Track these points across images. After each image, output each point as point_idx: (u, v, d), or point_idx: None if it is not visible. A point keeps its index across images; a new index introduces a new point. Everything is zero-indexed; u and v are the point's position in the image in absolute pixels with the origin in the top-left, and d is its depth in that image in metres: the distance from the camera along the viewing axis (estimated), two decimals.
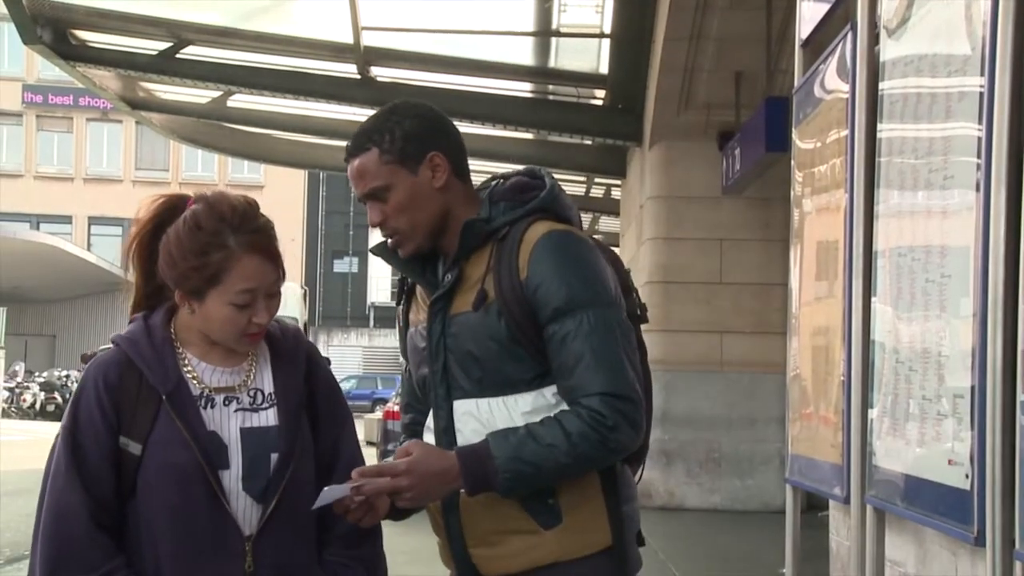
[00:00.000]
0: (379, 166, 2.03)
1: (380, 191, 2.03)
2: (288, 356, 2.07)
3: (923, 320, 3.08)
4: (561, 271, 1.96)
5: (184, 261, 1.94)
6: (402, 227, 2.04)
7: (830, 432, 4.00)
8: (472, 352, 1.99)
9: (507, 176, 2.14)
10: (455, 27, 11.53)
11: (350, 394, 37.03)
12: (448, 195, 2.05)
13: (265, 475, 1.94)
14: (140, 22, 11.40)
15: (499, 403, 1.99)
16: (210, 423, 1.94)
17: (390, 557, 2.14)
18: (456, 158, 2.08)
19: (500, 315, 1.97)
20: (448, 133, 2.09)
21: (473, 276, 2.02)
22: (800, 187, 4.68)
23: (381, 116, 2.09)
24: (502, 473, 1.91)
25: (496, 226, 2.03)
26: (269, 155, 18.07)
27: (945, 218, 2.96)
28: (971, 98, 2.76)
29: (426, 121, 2.07)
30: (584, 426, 1.91)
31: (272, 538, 1.92)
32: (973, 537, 2.63)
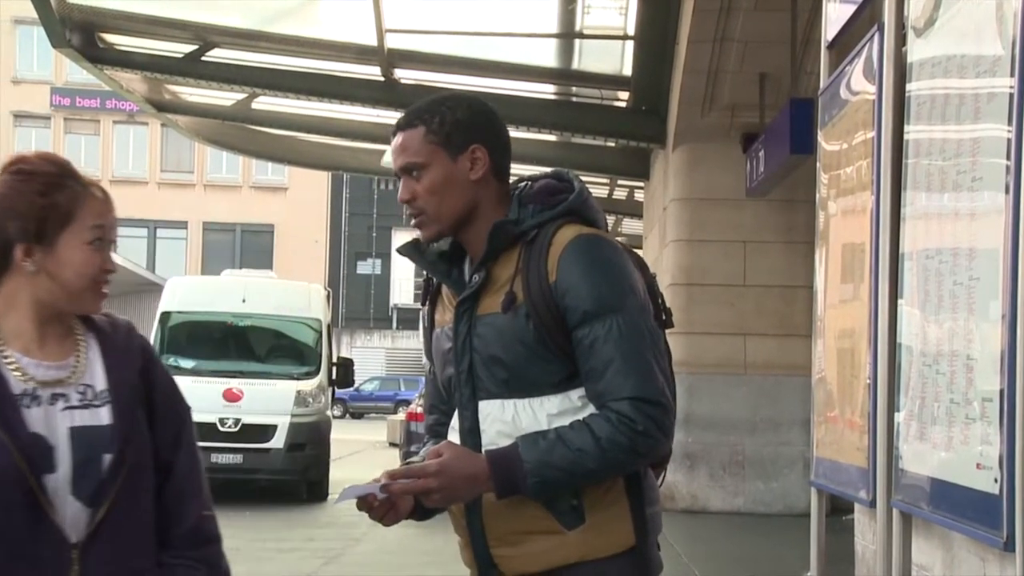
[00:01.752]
0: (421, 144, 2.04)
1: (416, 167, 2.04)
2: (121, 350, 1.96)
3: (951, 323, 3.05)
4: (590, 275, 1.96)
5: (30, 206, 1.83)
6: (429, 209, 2.05)
7: (856, 435, 3.98)
8: (499, 354, 1.99)
9: (535, 179, 2.14)
10: (478, 29, 11.54)
11: (373, 395, 37.11)
12: (481, 190, 2.06)
13: (97, 477, 1.83)
14: (166, 25, 11.47)
15: (525, 405, 1.99)
16: (34, 423, 1.82)
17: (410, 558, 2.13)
18: (498, 157, 2.09)
19: (528, 318, 1.97)
20: (496, 132, 2.10)
21: (501, 278, 2.01)
22: (826, 189, 4.66)
23: (436, 100, 2.11)
24: (531, 477, 1.91)
25: (525, 228, 2.03)
26: (293, 157, 18.14)
27: (973, 220, 2.93)
28: (1001, 99, 2.74)
29: (478, 115, 2.08)
30: (614, 431, 1.91)
31: (104, 544, 1.81)
32: (1002, 542, 2.61)
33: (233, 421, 12.03)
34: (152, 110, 14.27)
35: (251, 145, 17.25)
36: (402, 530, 11.42)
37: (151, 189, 42.44)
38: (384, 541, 9.96)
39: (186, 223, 42.33)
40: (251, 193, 42.88)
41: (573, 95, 12.89)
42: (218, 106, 14.34)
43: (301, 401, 12.37)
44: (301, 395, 12.41)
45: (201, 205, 42.28)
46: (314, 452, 12.35)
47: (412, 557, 8.95)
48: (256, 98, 13.61)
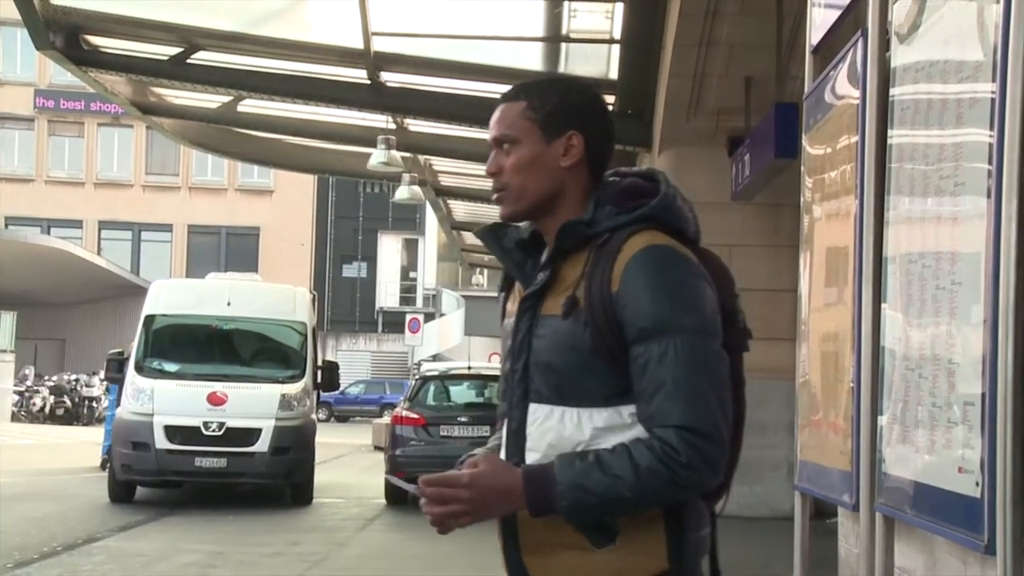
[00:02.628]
0: (519, 118, 1.99)
1: (509, 140, 1.99)
2: None
3: (933, 327, 3.07)
4: (654, 290, 1.85)
5: None
6: (512, 185, 1.98)
7: (839, 439, 3.99)
8: (553, 358, 1.91)
9: (624, 174, 2.03)
10: (465, 32, 11.54)
11: (358, 399, 37.04)
12: (569, 179, 1.97)
13: None
14: (151, 27, 11.44)
15: (573, 414, 1.90)
16: None
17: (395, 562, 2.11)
18: (595, 150, 1.99)
19: (586, 325, 1.88)
20: (601, 124, 2.00)
21: (568, 279, 1.93)
22: (810, 193, 4.67)
23: (547, 79, 2.06)
24: (562, 500, 1.83)
25: (597, 231, 1.93)
26: (279, 160, 18.11)
27: (956, 225, 2.94)
28: (983, 104, 2.75)
29: (584, 102, 2.00)
30: (655, 461, 1.81)
31: None
32: (983, 546, 2.62)
33: (217, 425, 11.99)
34: (137, 113, 14.23)
35: (236, 148, 17.21)
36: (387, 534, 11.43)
37: (136, 192, 42.30)
38: (369, 545, 9.94)
39: (171, 226, 42.20)
40: (236, 196, 42.77)
41: None
42: (203, 109, 14.31)
43: (286, 405, 12.34)
44: (286, 399, 12.38)
45: (186, 208, 42.15)
46: (299, 456, 12.33)
47: (398, 561, 8.93)
48: (242, 101, 13.58)
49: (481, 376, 14.78)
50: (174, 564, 8.58)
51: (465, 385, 14.76)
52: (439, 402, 13.88)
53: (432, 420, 12.94)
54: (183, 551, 9.15)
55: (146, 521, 11.03)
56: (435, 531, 1.98)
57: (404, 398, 14.27)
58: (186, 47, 11.66)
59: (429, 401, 13.70)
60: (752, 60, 9.98)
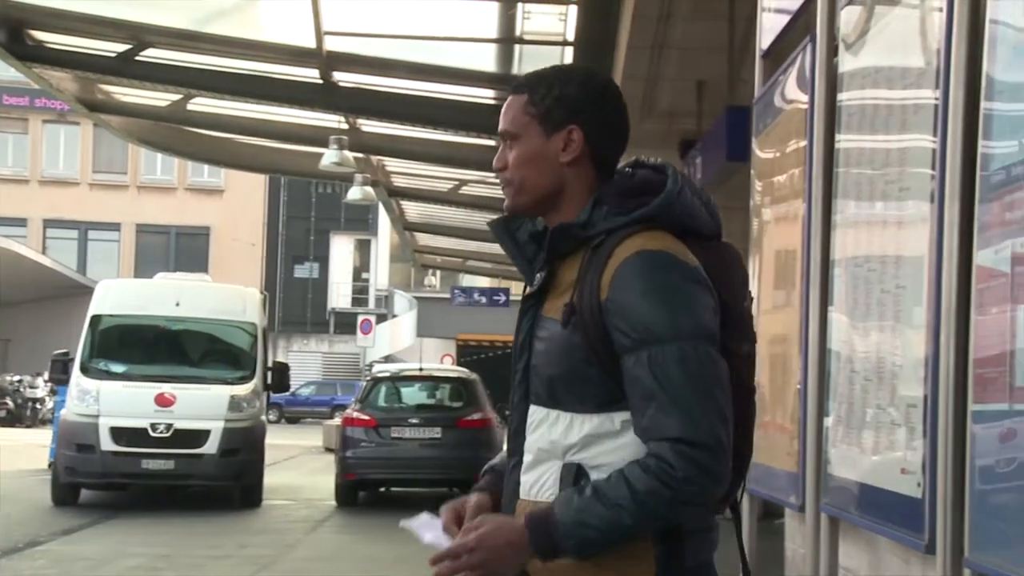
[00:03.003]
0: (520, 112, 1.94)
1: (510, 135, 1.96)
2: None
3: (878, 330, 3.10)
4: (642, 298, 1.79)
5: None
6: (514, 180, 1.95)
7: (786, 440, 4.03)
8: (548, 361, 1.88)
9: (639, 165, 1.95)
10: (418, 33, 11.50)
11: (309, 400, 36.79)
12: (571, 174, 1.91)
13: None
14: (99, 23, 11.27)
15: (566, 418, 1.87)
16: None
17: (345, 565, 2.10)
18: (598, 144, 1.91)
19: (577, 331, 1.84)
20: (603, 117, 1.92)
21: (565, 281, 1.89)
22: (759, 196, 4.71)
23: (555, 69, 1.98)
24: (567, 540, 1.78)
25: (592, 233, 1.87)
26: (230, 159, 17.94)
27: (900, 229, 2.98)
28: (926, 111, 2.79)
29: (588, 94, 1.92)
30: (653, 481, 1.75)
31: None
32: (924, 545, 2.65)
33: (165, 426, 11.85)
34: (84, 110, 14.02)
35: (187, 147, 17.02)
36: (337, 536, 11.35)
37: (82, 190, 41.67)
38: (319, 548, 9.87)
39: (119, 225, 41.64)
40: (186, 195, 42.31)
41: None
42: (152, 107, 14.13)
43: (235, 406, 12.23)
44: (235, 400, 12.27)
45: (134, 207, 41.62)
46: (248, 457, 12.22)
47: (348, 564, 8.87)
48: (192, 99, 13.43)
49: (433, 378, 14.74)
50: (119, 568, 8.46)
51: (417, 386, 14.71)
52: (390, 403, 13.82)
53: (383, 421, 12.89)
54: (128, 554, 9.03)
55: (90, 524, 10.87)
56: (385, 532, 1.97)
57: (355, 399, 14.20)
58: (134, 44, 11.51)
59: (380, 402, 13.63)
60: (704, 63, 10.04)
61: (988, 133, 2.41)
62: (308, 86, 12.02)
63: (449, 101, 12.30)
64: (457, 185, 17.47)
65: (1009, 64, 2.35)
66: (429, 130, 12.80)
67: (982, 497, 2.37)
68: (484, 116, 12.61)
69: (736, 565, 2.23)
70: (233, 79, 11.99)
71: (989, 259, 2.37)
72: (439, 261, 29.68)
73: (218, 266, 38.03)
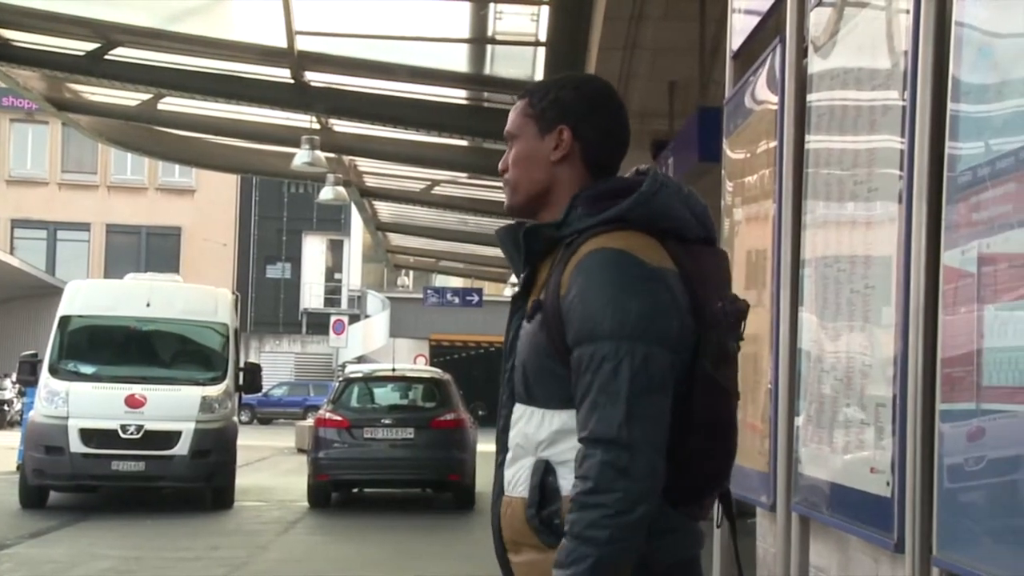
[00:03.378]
0: (520, 115, 2.03)
1: (510, 136, 2.05)
2: None
3: (847, 330, 3.12)
4: (590, 294, 1.82)
5: None
6: (511, 179, 2.03)
7: (758, 440, 4.05)
8: (522, 360, 1.94)
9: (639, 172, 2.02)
10: (390, 33, 11.48)
11: (281, 401, 36.62)
12: (560, 173, 1.98)
13: None
14: (67, 22, 11.17)
15: (539, 414, 1.91)
16: None
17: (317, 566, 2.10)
18: (589, 145, 1.98)
19: (542, 327, 1.89)
20: (595, 119, 1.99)
21: (542, 280, 1.96)
22: (730, 196, 4.73)
23: (558, 76, 2.10)
24: None
25: (565, 233, 1.92)
26: (201, 159, 17.83)
27: (869, 229, 3.00)
28: (894, 112, 2.81)
29: (582, 98, 2.00)
30: (586, 514, 1.76)
31: None
32: (893, 544, 2.67)
33: (135, 428, 11.77)
34: (52, 109, 13.89)
35: (157, 146, 16.90)
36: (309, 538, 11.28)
37: (51, 190, 41.28)
38: (291, 549, 9.83)
39: (89, 225, 41.29)
40: (157, 195, 42.01)
41: (485, 100, 12.90)
42: (122, 106, 14.02)
43: (207, 407, 12.16)
44: (207, 401, 12.20)
45: (104, 207, 41.28)
46: (220, 459, 12.15)
47: (319, 565, 8.84)
48: (162, 99, 13.34)
49: (405, 378, 14.70)
50: (88, 570, 8.39)
51: (389, 387, 14.68)
52: (363, 404, 13.78)
53: (356, 422, 12.85)
54: (98, 557, 8.96)
55: (59, 527, 10.77)
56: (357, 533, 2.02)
57: (328, 400, 14.15)
58: (103, 43, 11.42)
59: (353, 403, 13.59)
60: (676, 64, 10.08)
61: (955, 134, 2.43)
62: (279, 86, 11.96)
63: (421, 101, 12.28)
64: (429, 185, 17.44)
65: (975, 66, 2.37)
66: (401, 130, 12.77)
67: (950, 496, 2.39)
68: (456, 116, 12.60)
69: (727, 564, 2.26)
70: (204, 78, 11.91)
71: (956, 259, 2.39)
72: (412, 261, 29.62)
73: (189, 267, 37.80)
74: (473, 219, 19.21)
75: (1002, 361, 2.17)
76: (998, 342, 2.19)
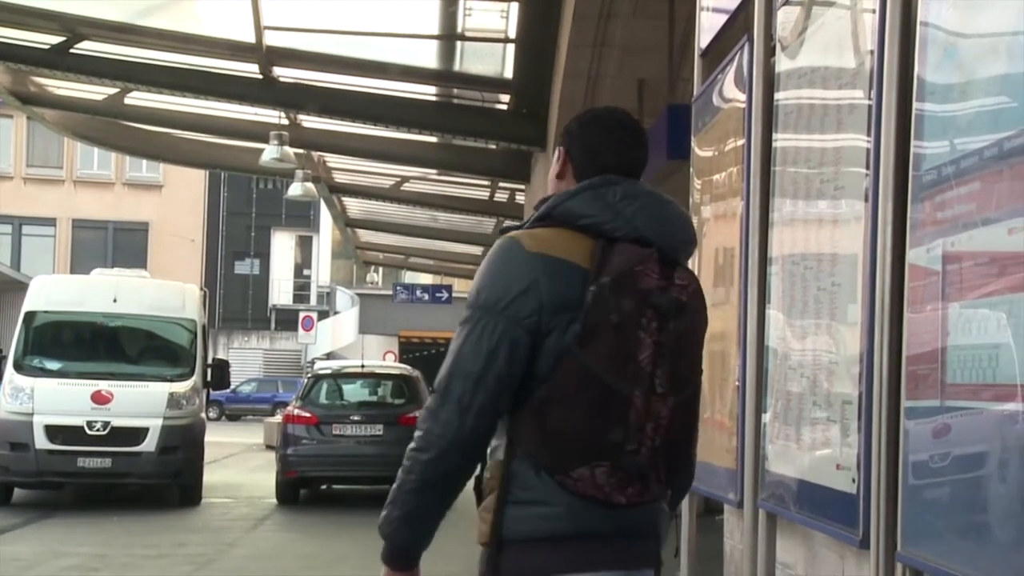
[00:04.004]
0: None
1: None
2: None
3: (814, 327, 3.14)
4: (478, 272, 2.13)
5: None
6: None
7: (725, 437, 4.06)
8: None
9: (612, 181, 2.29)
10: (360, 29, 11.44)
11: (250, 397, 36.43)
12: (559, 188, 2.23)
13: None
14: (32, 15, 11.06)
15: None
16: None
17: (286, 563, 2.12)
18: (577, 162, 2.23)
19: None
20: (580, 138, 2.24)
21: None
22: (699, 194, 4.75)
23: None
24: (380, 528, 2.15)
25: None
26: (168, 154, 17.69)
27: (836, 227, 3.02)
28: (860, 111, 2.83)
29: (578, 123, 2.28)
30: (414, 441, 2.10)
31: None
32: (858, 540, 2.69)
33: (102, 424, 11.68)
34: (16, 103, 13.74)
35: (124, 141, 16.76)
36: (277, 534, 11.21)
37: (16, 184, 40.81)
38: (259, 546, 9.78)
39: (54, 220, 40.88)
40: (124, 190, 41.65)
41: (454, 97, 12.89)
42: (88, 100, 13.90)
43: (174, 403, 12.09)
44: (174, 397, 12.12)
45: (70, 202, 40.88)
46: (187, 455, 12.08)
47: (288, 562, 8.80)
48: (129, 93, 13.23)
49: (375, 375, 14.67)
50: (53, 568, 8.32)
51: (358, 383, 14.64)
52: (332, 400, 13.74)
53: (324, 419, 12.81)
54: (64, 554, 8.88)
55: (24, 524, 10.67)
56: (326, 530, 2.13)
57: (296, 396, 14.09)
58: (69, 36, 11.31)
59: (322, 399, 13.55)
60: (645, 62, 10.10)
61: (920, 133, 2.45)
62: (248, 81, 11.89)
63: (391, 97, 12.25)
64: (399, 182, 17.40)
65: (939, 66, 2.39)
66: (371, 126, 12.73)
67: (914, 492, 2.41)
68: (426, 113, 12.58)
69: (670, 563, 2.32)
70: (171, 73, 11.83)
71: (921, 258, 2.41)
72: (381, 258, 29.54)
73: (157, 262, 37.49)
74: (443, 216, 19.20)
75: (966, 359, 2.19)
76: (962, 339, 2.21)
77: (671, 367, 2.03)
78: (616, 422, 1.99)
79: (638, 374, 2.00)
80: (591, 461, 1.99)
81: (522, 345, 2.01)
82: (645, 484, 2.03)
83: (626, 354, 2.01)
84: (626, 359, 2.00)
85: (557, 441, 1.99)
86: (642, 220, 2.11)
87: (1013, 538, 1.99)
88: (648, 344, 2.01)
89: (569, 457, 1.99)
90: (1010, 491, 2.00)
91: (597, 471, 1.99)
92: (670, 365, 2.03)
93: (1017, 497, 1.97)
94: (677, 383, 2.05)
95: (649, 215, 2.12)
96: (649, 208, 2.14)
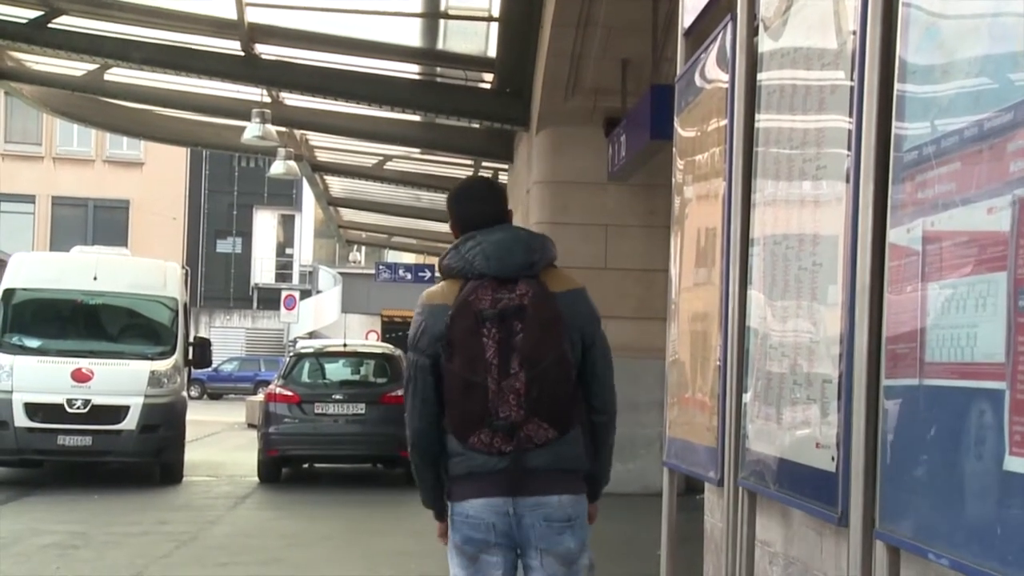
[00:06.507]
0: None
1: None
2: None
3: (795, 307, 3.16)
4: None
5: None
6: None
7: (706, 416, 4.08)
8: None
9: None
10: (343, 6, 11.37)
11: (232, 376, 36.38)
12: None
13: None
14: None
15: None
16: None
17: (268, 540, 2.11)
18: (458, 227, 3.21)
19: None
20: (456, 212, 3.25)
21: None
22: (681, 175, 4.75)
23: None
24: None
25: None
26: (149, 131, 17.57)
27: (817, 208, 3.03)
28: (842, 91, 2.84)
29: (455, 201, 3.29)
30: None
31: None
32: (837, 517, 2.72)
33: (82, 402, 11.64)
34: None
35: (104, 118, 16.64)
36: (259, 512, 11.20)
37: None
38: (241, 524, 9.79)
39: (33, 197, 40.60)
40: (104, 167, 41.39)
41: (438, 76, 12.84)
42: (67, 76, 13.77)
43: (155, 381, 12.06)
44: (155, 375, 12.09)
45: (50, 179, 40.60)
46: (168, 433, 12.06)
47: (270, 540, 8.81)
48: (109, 69, 13.12)
49: (357, 353, 14.66)
50: (32, 546, 8.31)
51: (340, 362, 14.63)
52: (314, 379, 13.73)
53: (306, 397, 12.79)
54: (43, 532, 8.86)
55: (3, 502, 10.64)
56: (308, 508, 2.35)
57: (278, 375, 14.07)
58: (47, 11, 11.21)
59: (304, 378, 13.53)
60: (629, 42, 10.09)
61: (901, 114, 2.45)
62: (229, 58, 11.82)
63: (374, 76, 12.19)
64: (382, 160, 17.34)
65: (920, 47, 2.39)
66: (353, 105, 12.67)
67: (893, 470, 2.43)
68: (409, 91, 12.53)
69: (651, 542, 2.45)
70: (151, 49, 11.74)
71: (902, 238, 2.42)
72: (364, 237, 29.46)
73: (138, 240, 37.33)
74: (426, 195, 19.15)
75: (944, 338, 2.21)
76: (941, 319, 2.22)
77: (522, 353, 2.94)
78: (479, 402, 2.96)
79: (488, 367, 2.94)
80: (474, 429, 2.99)
81: (428, 367, 3.05)
82: (522, 436, 2.96)
83: (474, 357, 2.94)
84: (475, 360, 2.94)
85: (455, 420, 3.03)
86: (479, 261, 3.02)
87: (989, 515, 2.02)
88: (491, 345, 2.94)
89: (464, 428, 3.01)
90: (986, 468, 2.02)
91: (481, 434, 2.99)
92: (520, 352, 2.93)
93: (993, 475, 2.00)
94: (529, 362, 2.94)
95: (485, 256, 3.01)
96: (486, 250, 3.02)
